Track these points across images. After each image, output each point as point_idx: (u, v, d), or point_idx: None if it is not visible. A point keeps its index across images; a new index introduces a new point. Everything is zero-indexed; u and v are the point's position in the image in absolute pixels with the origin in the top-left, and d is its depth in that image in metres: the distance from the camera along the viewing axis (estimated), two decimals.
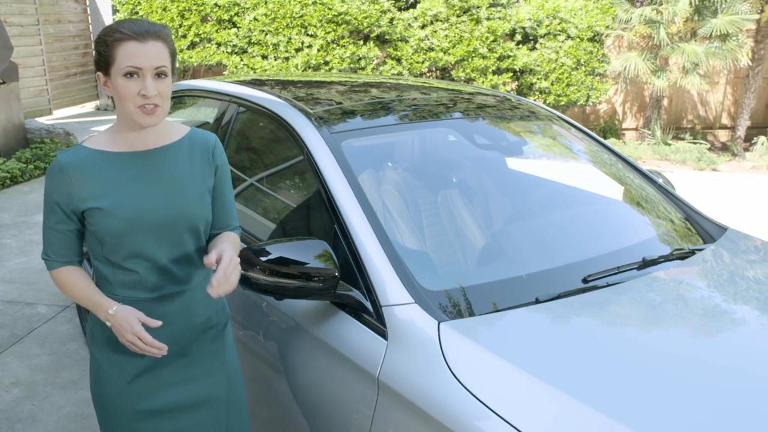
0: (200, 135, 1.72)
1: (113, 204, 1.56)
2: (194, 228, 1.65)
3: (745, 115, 11.45)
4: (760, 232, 5.74)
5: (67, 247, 1.64)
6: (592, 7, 10.49)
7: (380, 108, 2.37)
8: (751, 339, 1.67)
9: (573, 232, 2.20)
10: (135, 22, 1.52)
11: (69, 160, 1.58)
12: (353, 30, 9.47)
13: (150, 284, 1.63)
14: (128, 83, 1.50)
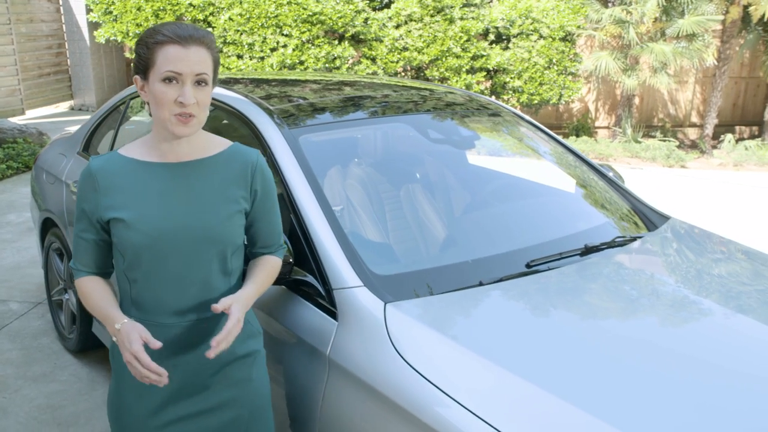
0: (241, 153, 1.59)
1: (135, 216, 1.47)
2: (220, 251, 1.53)
3: (712, 114, 11.72)
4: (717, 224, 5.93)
5: (92, 256, 1.56)
6: (563, 7, 10.67)
7: (339, 105, 2.47)
8: (674, 313, 1.81)
9: (520, 221, 2.31)
10: (179, 25, 1.44)
11: (99, 166, 1.51)
12: (328, 30, 9.55)
13: (171, 308, 1.52)
14: (166, 89, 1.41)
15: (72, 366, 3.37)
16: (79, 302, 3.28)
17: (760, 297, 2.02)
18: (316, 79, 3.08)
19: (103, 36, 9.42)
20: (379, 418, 1.50)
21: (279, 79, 3.05)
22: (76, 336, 3.39)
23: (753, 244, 2.98)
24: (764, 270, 2.19)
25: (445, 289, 1.75)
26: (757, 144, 11.33)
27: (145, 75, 1.45)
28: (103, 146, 3.28)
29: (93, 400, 3.06)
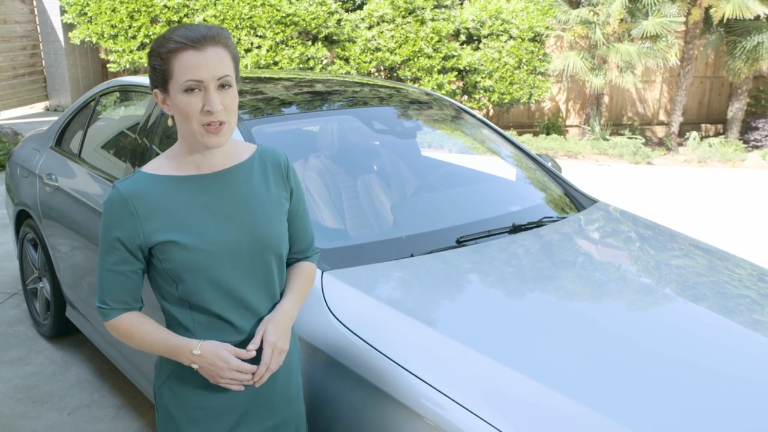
0: (270, 153, 1.53)
1: (190, 234, 1.37)
2: (278, 255, 1.48)
3: (678, 112, 12.08)
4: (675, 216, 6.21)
5: (129, 291, 1.43)
6: (532, 8, 10.96)
7: (291, 99, 2.68)
8: (579, 279, 2.05)
9: (457, 203, 2.54)
10: (189, 27, 1.33)
11: (131, 189, 1.38)
12: (302, 31, 9.73)
13: (237, 325, 1.43)
14: (190, 99, 1.31)
15: (46, 350, 3.53)
16: (54, 289, 3.45)
17: (663, 266, 2.27)
18: (276, 76, 3.28)
19: (78, 37, 9.51)
20: (318, 372, 1.71)
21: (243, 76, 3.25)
22: (50, 322, 3.56)
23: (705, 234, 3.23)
24: (668, 242, 2.46)
25: (378, 260, 1.97)
26: (721, 141, 11.70)
27: (165, 88, 1.35)
28: (75, 142, 3.45)
29: (67, 380, 3.23)
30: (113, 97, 3.39)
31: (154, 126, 2.80)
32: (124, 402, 3.06)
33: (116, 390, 3.16)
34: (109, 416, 2.95)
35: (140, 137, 2.85)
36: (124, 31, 9.36)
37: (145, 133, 2.82)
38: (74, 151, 3.37)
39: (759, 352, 1.76)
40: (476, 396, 1.47)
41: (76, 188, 3.13)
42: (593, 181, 8.40)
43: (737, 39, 11.12)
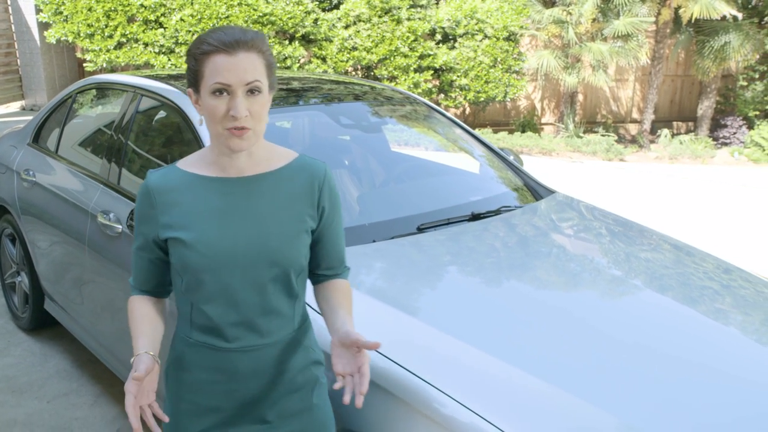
0: (308, 166, 1.49)
1: (194, 236, 1.39)
2: (283, 273, 1.43)
3: (649, 110, 12.36)
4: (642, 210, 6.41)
5: (147, 275, 1.49)
6: (507, 8, 11.15)
7: None
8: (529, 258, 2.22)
9: (420, 194, 2.69)
10: (225, 30, 1.34)
11: (157, 182, 1.42)
12: (279, 30, 9.82)
13: (228, 332, 1.43)
14: (216, 102, 1.32)
15: (25, 342, 3.61)
16: (32, 283, 3.53)
17: (609, 246, 2.44)
18: None
19: (54, 36, 9.50)
20: None
21: None
22: (28, 315, 3.64)
23: (672, 228, 3.38)
24: (616, 227, 2.63)
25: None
26: (691, 138, 11.99)
27: (197, 88, 1.37)
28: (52, 139, 3.53)
29: (46, 371, 3.31)
30: (90, 94, 3.48)
31: (130, 123, 2.89)
32: (102, 390, 3.15)
33: (94, 379, 3.25)
34: (88, 403, 3.04)
35: (116, 134, 2.95)
36: (100, 31, 9.37)
37: (121, 130, 2.92)
38: (51, 148, 3.45)
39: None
40: (435, 364, 1.62)
41: (53, 183, 3.21)
42: (566, 178, 8.59)
43: (706, 39, 11.41)
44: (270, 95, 1.38)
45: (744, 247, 5.76)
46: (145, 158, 2.88)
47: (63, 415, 2.94)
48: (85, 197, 2.90)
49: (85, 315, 2.99)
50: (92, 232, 2.77)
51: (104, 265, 2.71)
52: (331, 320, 1.49)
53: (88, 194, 2.90)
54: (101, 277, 2.76)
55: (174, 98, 2.64)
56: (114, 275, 2.66)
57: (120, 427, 2.87)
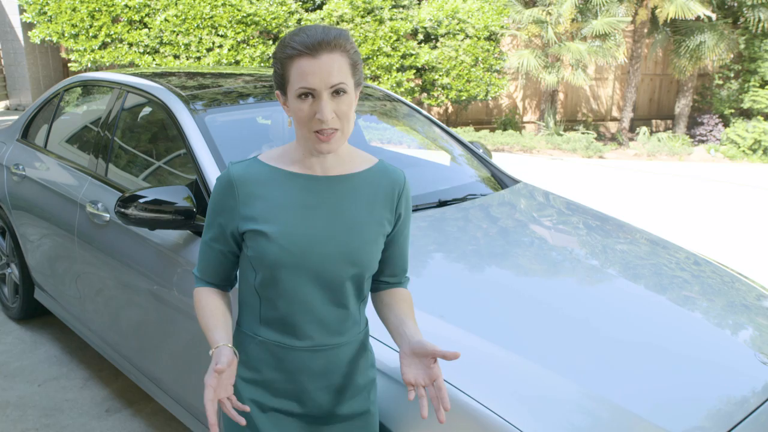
0: (389, 172, 1.49)
1: (279, 231, 1.38)
2: (359, 276, 1.44)
3: (628, 108, 12.62)
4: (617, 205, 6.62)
5: (215, 267, 1.47)
6: (487, 8, 11.35)
7: (240, 91, 2.97)
8: (493, 240, 2.39)
9: None
10: (307, 32, 1.31)
11: (240, 173, 1.41)
12: (262, 30, 9.95)
13: (300, 331, 1.42)
14: (302, 105, 1.31)
15: (16, 331, 3.74)
16: (22, 273, 3.66)
17: (566, 229, 2.63)
18: (229, 72, 3.55)
19: (38, 36, 9.56)
20: None
21: (193, 72, 3.51)
22: (18, 305, 3.76)
23: (646, 222, 3.56)
24: (572, 211, 2.82)
25: None
26: (669, 136, 12.26)
27: (284, 91, 1.36)
28: (41, 134, 3.66)
29: (36, 357, 3.45)
30: (78, 91, 3.62)
31: (116, 119, 3.04)
32: (91, 374, 3.29)
33: (83, 364, 3.39)
34: (78, 386, 3.18)
35: (102, 130, 3.09)
36: (85, 31, 9.44)
37: (107, 126, 3.06)
38: (40, 144, 3.59)
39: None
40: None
41: (43, 177, 3.35)
42: (545, 174, 8.79)
43: (682, 38, 11.68)
44: (356, 93, 1.37)
45: (715, 240, 5.98)
46: (132, 152, 3.03)
47: (54, 397, 3.08)
48: (73, 189, 3.04)
49: (75, 302, 3.13)
50: (81, 221, 2.91)
51: (93, 253, 2.85)
52: (400, 329, 1.45)
53: (76, 186, 3.04)
54: (90, 265, 2.90)
55: (159, 94, 2.78)
56: (103, 263, 2.80)
57: (109, 407, 3.01)
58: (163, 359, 2.54)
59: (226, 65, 9.68)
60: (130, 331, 2.72)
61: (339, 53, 1.32)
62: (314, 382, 1.45)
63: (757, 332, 2.15)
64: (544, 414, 1.58)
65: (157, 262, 2.47)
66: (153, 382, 2.66)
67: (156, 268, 2.47)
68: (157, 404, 3.00)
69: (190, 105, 2.64)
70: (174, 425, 2.87)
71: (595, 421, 1.59)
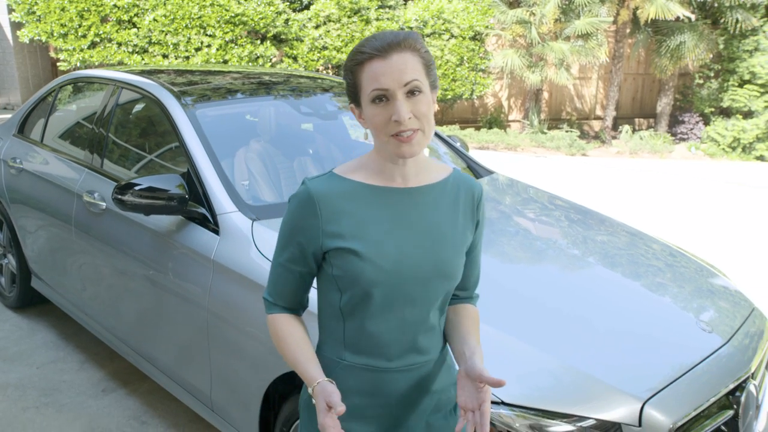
0: (466, 180, 1.44)
1: (369, 246, 1.31)
2: (449, 287, 1.39)
3: (611, 107, 12.86)
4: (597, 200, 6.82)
5: (293, 290, 1.40)
6: (472, 8, 11.55)
7: (229, 87, 3.15)
8: None
9: None
10: (376, 36, 1.28)
11: (320, 189, 1.33)
12: (250, 30, 10.09)
13: (391, 351, 1.36)
14: (377, 110, 1.27)
15: (13, 319, 3.88)
16: (19, 264, 3.80)
17: (533, 215, 2.82)
18: (218, 69, 3.72)
19: (27, 36, 9.62)
20: (246, 293, 2.17)
21: (184, 70, 3.67)
22: (15, 293, 3.91)
23: (625, 216, 3.73)
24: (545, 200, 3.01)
25: None
26: (651, 134, 12.51)
27: (358, 101, 1.32)
28: (37, 129, 3.81)
29: (33, 342, 3.59)
30: (73, 88, 3.77)
31: (110, 116, 3.20)
32: (87, 357, 3.44)
33: (79, 348, 3.54)
34: (74, 369, 3.33)
35: (98, 124, 3.24)
36: (74, 30, 9.53)
37: (103, 120, 3.22)
38: (37, 138, 3.73)
39: None
40: None
41: (40, 169, 3.50)
42: (529, 171, 8.98)
43: (663, 38, 11.93)
44: (433, 94, 1.32)
45: (691, 233, 6.21)
46: (127, 145, 3.19)
47: (52, 379, 3.23)
48: (70, 180, 3.19)
49: (72, 288, 3.28)
50: (78, 211, 3.06)
51: (90, 241, 3.00)
52: (460, 348, 1.40)
53: (73, 177, 3.19)
54: (88, 252, 3.05)
55: (152, 90, 2.94)
56: (99, 249, 2.95)
57: (105, 387, 3.16)
58: (159, 339, 2.70)
59: (214, 64, 9.81)
60: (127, 313, 2.88)
61: (410, 53, 1.28)
62: (401, 404, 1.39)
63: (716, 313, 2.34)
64: (521, 380, 1.77)
65: (152, 247, 2.63)
66: (149, 361, 2.81)
67: (151, 253, 2.63)
68: (151, 384, 3.16)
69: (181, 100, 2.80)
70: (167, 403, 3.03)
71: (559, 383, 1.81)
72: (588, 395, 1.77)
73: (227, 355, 2.29)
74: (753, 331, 2.25)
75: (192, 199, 2.44)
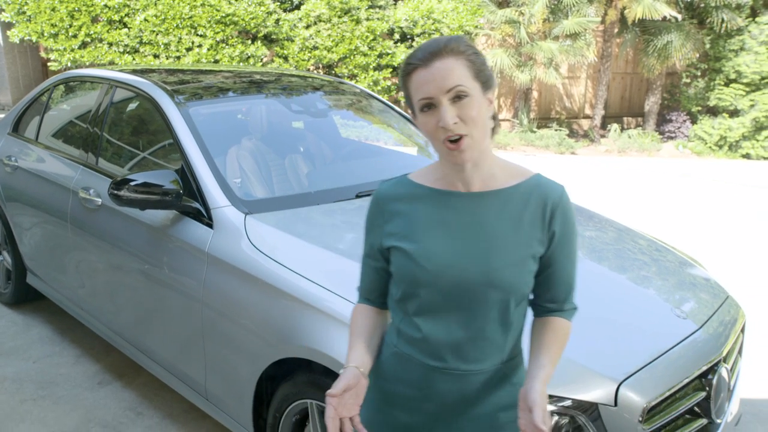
0: (543, 186, 1.39)
1: (418, 248, 1.36)
2: (502, 298, 1.35)
3: (599, 106, 13.00)
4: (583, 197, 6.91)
5: (370, 283, 1.49)
6: (462, 8, 11.65)
7: (221, 86, 3.22)
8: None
9: (361, 169, 3.12)
10: (422, 46, 1.31)
11: (386, 191, 1.43)
12: (241, 30, 10.14)
13: (432, 350, 1.38)
14: (426, 118, 1.29)
15: (9, 315, 3.93)
16: (14, 261, 3.86)
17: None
18: (209, 69, 3.79)
19: (17, 36, 9.63)
20: (239, 284, 2.25)
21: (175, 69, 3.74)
22: (11, 290, 3.96)
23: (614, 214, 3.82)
24: None
25: (289, 207, 2.52)
26: (639, 133, 12.65)
27: (413, 111, 1.34)
28: (31, 128, 3.86)
29: (29, 337, 3.65)
30: (67, 87, 3.83)
31: (105, 114, 3.26)
32: (82, 351, 3.51)
33: (75, 343, 3.60)
34: (70, 362, 3.39)
35: (93, 122, 3.31)
36: (64, 30, 9.55)
37: (98, 118, 3.28)
38: (31, 136, 3.79)
39: None
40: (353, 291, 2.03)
41: (35, 167, 3.56)
42: None
43: (650, 38, 12.08)
44: (485, 96, 1.30)
45: (679, 229, 6.32)
46: (122, 142, 3.26)
47: (48, 372, 3.29)
48: (66, 177, 3.26)
49: (69, 284, 3.34)
50: (74, 207, 3.13)
51: (85, 236, 3.07)
52: (530, 364, 1.38)
53: (69, 174, 3.25)
54: (83, 247, 3.11)
55: (146, 89, 3.01)
56: (95, 246, 3.02)
57: (101, 380, 3.23)
58: (154, 331, 2.77)
59: (206, 64, 9.86)
60: (123, 307, 2.94)
61: (453, 58, 1.28)
62: (444, 406, 1.40)
63: (695, 302, 2.43)
64: None
65: (147, 241, 2.70)
66: (145, 353, 2.88)
67: (146, 247, 2.70)
68: (146, 377, 3.23)
69: (175, 98, 2.87)
70: (163, 394, 3.10)
71: None
72: (567, 377, 1.85)
73: (221, 345, 2.36)
74: (726, 319, 2.35)
75: (186, 194, 2.52)
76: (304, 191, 2.72)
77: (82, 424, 2.87)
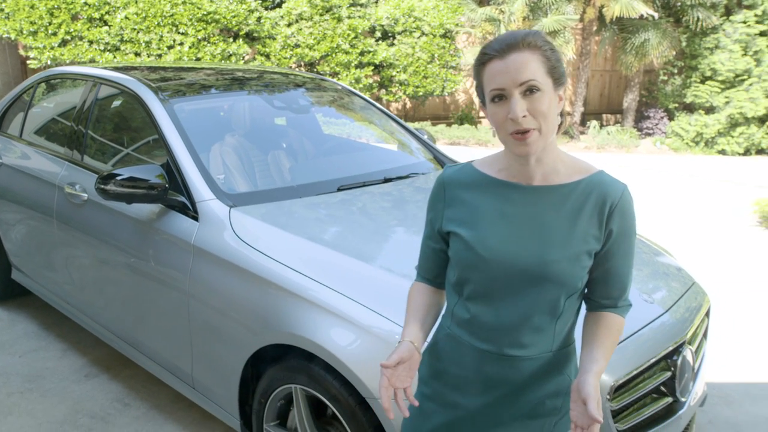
0: (604, 184, 1.40)
1: (474, 235, 1.40)
2: (554, 291, 1.38)
3: (579, 103, 13.17)
4: None
5: (428, 263, 1.54)
6: (443, 6, 11.76)
7: (203, 83, 3.28)
8: None
9: (344, 164, 3.20)
10: (499, 38, 1.33)
11: (450, 176, 1.47)
12: (223, 28, 10.15)
13: (482, 334, 1.43)
14: (496, 109, 1.31)
15: None
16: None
17: None
18: (191, 66, 3.84)
19: None
20: (224, 274, 2.32)
21: (158, 66, 3.80)
22: None
23: None
24: None
25: (273, 200, 2.60)
26: (618, 129, 12.84)
27: (483, 100, 1.36)
28: (15, 125, 3.89)
29: (15, 332, 3.68)
30: (51, 84, 3.86)
31: (90, 111, 3.31)
32: (69, 346, 3.55)
33: (60, 338, 3.64)
34: (57, 356, 3.43)
35: (78, 119, 3.35)
36: (44, 28, 9.49)
37: (83, 115, 3.32)
38: (15, 133, 3.82)
39: None
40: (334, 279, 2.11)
41: (20, 164, 3.59)
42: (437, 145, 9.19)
43: (628, 36, 12.26)
44: (556, 92, 1.32)
45: (655, 221, 6.47)
46: (107, 138, 3.31)
47: (35, 366, 3.33)
48: (51, 173, 3.30)
49: (55, 279, 3.38)
50: (60, 203, 3.17)
51: (72, 231, 3.11)
52: (582, 358, 1.41)
53: (54, 170, 3.29)
54: (70, 243, 3.16)
55: (131, 85, 3.06)
56: (81, 240, 3.07)
57: (87, 373, 3.28)
58: (142, 324, 2.83)
59: (188, 62, 9.86)
60: (110, 300, 2.99)
61: (529, 52, 1.29)
62: (491, 387, 1.44)
63: (668, 293, 2.54)
64: None
65: (134, 235, 2.75)
66: (133, 345, 2.94)
67: (132, 241, 2.76)
68: (133, 369, 3.28)
69: (159, 95, 2.93)
70: (149, 386, 3.16)
71: None
72: None
73: (207, 334, 2.43)
74: (692, 304, 2.47)
75: (171, 188, 2.58)
76: (287, 185, 2.80)
77: (70, 416, 2.92)
